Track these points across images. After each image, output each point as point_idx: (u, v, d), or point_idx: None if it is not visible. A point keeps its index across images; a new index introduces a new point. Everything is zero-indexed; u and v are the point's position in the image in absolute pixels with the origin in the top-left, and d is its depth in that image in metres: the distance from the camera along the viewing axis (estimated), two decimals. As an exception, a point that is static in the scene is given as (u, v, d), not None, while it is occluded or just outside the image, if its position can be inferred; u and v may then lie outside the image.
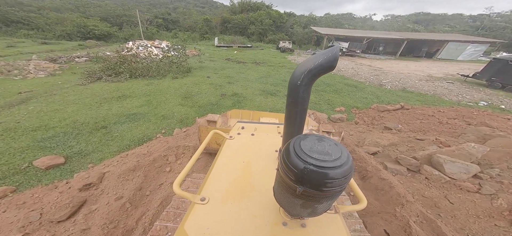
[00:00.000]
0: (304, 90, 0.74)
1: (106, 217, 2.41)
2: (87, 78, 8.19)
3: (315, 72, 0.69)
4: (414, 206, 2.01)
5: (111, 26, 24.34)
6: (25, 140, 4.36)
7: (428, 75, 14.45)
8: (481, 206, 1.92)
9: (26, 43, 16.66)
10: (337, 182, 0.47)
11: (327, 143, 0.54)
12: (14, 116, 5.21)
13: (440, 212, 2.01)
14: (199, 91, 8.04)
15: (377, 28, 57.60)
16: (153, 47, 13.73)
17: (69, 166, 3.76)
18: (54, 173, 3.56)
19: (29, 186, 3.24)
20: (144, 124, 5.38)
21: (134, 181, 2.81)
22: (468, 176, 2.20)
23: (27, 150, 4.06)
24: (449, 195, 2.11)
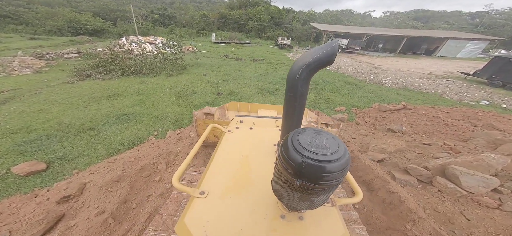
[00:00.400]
0: (302, 84, 0.74)
1: (85, 234, 2.15)
2: (75, 76, 7.78)
3: (314, 66, 0.69)
4: (426, 222, 1.80)
5: (104, 22, 23.47)
6: (4, 143, 4.04)
7: (428, 73, 14.30)
8: (501, 224, 1.72)
9: (14, 38, 15.95)
10: (334, 175, 0.48)
11: (324, 137, 0.54)
12: (-7, 118, 4.86)
13: (455, 229, 1.81)
14: (194, 90, 7.72)
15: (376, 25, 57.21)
16: (147, 44, 13.22)
17: (51, 172, 3.48)
18: (34, 180, 3.28)
19: (6, 195, 2.96)
20: (135, 125, 5.08)
21: (118, 192, 2.54)
22: (487, 190, 1.99)
23: (5, 154, 3.75)
24: (466, 210, 1.91)
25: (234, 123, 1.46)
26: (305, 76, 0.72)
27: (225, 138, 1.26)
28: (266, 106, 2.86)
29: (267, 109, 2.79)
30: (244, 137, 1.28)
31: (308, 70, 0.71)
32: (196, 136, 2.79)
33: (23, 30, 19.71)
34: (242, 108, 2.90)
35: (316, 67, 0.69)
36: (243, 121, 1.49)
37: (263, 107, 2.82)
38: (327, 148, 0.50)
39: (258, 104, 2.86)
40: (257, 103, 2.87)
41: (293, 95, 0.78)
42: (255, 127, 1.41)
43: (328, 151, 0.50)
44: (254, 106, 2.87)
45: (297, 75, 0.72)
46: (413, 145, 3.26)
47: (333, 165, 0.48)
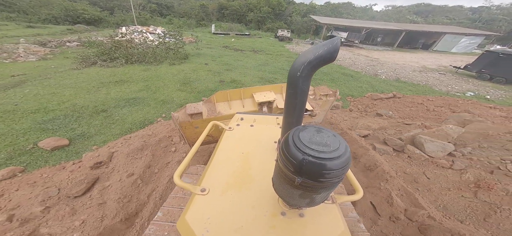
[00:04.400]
0: (303, 81, 0.73)
1: (120, 192, 2.60)
2: (81, 63, 8.00)
3: (315, 63, 0.69)
4: (396, 181, 2.29)
5: (101, 11, 22.98)
6: (26, 122, 4.40)
7: (422, 66, 14.75)
8: (451, 180, 2.22)
9: (10, 26, 15.71)
10: (335, 173, 0.48)
11: (325, 134, 0.54)
12: (11, 99, 5.17)
13: (418, 186, 2.30)
14: (197, 78, 8.04)
15: (376, 18, 56.78)
16: (148, 33, 13.26)
17: (74, 148, 3.88)
18: (60, 154, 3.68)
19: (37, 167, 3.36)
20: (144, 108, 5.46)
21: (142, 159, 2.98)
22: (444, 154, 2.49)
23: (29, 131, 4.12)
24: (427, 171, 2.40)
25: (235, 120, 1.47)
26: (306, 73, 0.72)
27: (226, 135, 1.27)
28: (261, 88, 2.65)
29: (262, 91, 2.60)
30: (245, 134, 1.28)
31: (310, 68, 0.70)
32: (184, 139, 2.43)
33: (17, 18, 19.29)
34: (233, 96, 2.60)
35: (318, 64, 0.69)
36: (243, 118, 1.50)
37: (258, 90, 2.61)
38: (328, 146, 0.50)
39: (251, 88, 2.62)
40: (250, 87, 2.63)
41: (294, 92, 0.77)
42: (256, 124, 1.41)
43: (329, 148, 0.50)
44: (247, 91, 2.61)
45: (299, 72, 0.72)
46: (395, 124, 3.75)
47: (334, 163, 0.48)
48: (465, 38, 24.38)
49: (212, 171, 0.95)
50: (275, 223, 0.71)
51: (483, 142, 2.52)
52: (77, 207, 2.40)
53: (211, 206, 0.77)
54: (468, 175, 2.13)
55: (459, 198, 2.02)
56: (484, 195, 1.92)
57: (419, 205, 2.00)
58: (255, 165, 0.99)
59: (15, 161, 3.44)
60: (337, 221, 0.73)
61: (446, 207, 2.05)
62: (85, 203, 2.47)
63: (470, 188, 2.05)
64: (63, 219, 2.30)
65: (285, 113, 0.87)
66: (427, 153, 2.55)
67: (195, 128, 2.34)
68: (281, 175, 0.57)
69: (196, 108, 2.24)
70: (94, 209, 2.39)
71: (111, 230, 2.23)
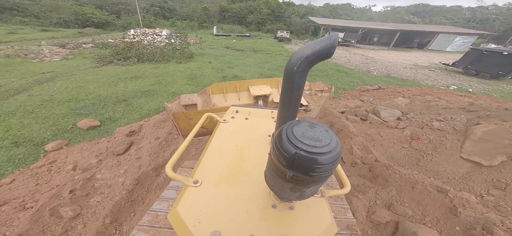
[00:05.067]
0: (299, 76, 0.74)
1: (150, 150, 3.44)
2: (99, 62, 8.91)
3: (312, 59, 0.70)
4: (358, 138, 3.09)
5: (109, 14, 24.18)
6: (63, 108, 5.26)
7: (414, 64, 15.51)
8: (396, 136, 3.00)
9: (26, 30, 16.80)
10: (325, 168, 0.49)
11: (318, 129, 0.56)
12: (46, 91, 6.06)
13: (374, 142, 3.10)
14: (202, 74, 8.91)
15: (374, 19, 57.64)
16: (155, 35, 14.22)
17: (104, 128, 4.71)
18: (93, 133, 4.51)
19: (77, 141, 4.20)
20: (157, 99, 6.30)
21: (164, 128, 3.81)
22: (394, 118, 3.28)
23: (67, 115, 4.98)
24: (381, 131, 3.19)
25: (229, 113, 1.47)
26: (303, 68, 0.72)
27: (220, 127, 1.27)
28: (257, 81, 2.66)
29: (259, 85, 2.63)
30: (239, 126, 1.29)
31: (307, 63, 0.71)
32: (177, 131, 2.43)
33: (30, 22, 20.45)
34: (229, 88, 2.59)
35: (315, 60, 0.70)
36: (239, 111, 1.50)
37: (254, 83, 2.63)
38: (320, 141, 0.51)
39: (248, 81, 2.63)
40: (246, 80, 2.65)
41: (290, 87, 0.78)
42: (251, 117, 1.42)
43: (320, 143, 0.51)
44: (243, 84, 2.61)
45: (295, 67, 0.72)
46: (369, 104, 4.54)
47: (324, 157, 0.49)
48: (459, 38, 25.11)
49: (205, 163, 0.96)
50: (266, 215, 0.73)
51: (424, 110, 3.29)
52: (120, 160, 3.24)
53: (203, 198, 0.78)
54: (407, 131, 2.90)
55: (401, 149, 2.80)
56: (415, 144, 2.69)
57: (371, 153, 2.79)
58: (248, 158, 1.00)
59: (59, 137, 4.28)
60: (325, 214, 0.76)
61: (392, 156, 2.83)
62: (126, 158, 3.30)
63: (407, 140, 2.83)
64: (111, 168, 3.13)
65: (280, 107, 0.88)
66: (382, 118, 3.34)
67: (189, 119, 2.32)
68: (274, 168, 0.59)
69: (191, 100, 2.21)
70: (133, 161, 3.23)
71: (146, 176, 3.05)
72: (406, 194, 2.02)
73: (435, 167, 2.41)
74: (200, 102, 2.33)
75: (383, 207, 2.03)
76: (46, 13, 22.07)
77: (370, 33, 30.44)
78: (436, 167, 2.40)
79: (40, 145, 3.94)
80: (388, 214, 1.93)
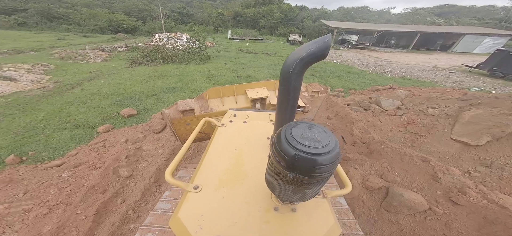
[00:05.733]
0: (295, 78, 0.75)
1: None
2: (132, 63, 10.25)
3: (307, 60, 0.70)
4: (359, 123, 3.48)
5: (136, 21, 26.95)
6: (107, 100, 6.34)
7: (434, 66, 14.89)
8: (394, 122, 3.32)
9: (70, 36, 19.52)
10: (325, 168, 0.50)
11: (316, 130, 0.56)
12: (94, 86, 7.29)
13: (374, 127, 3.46)
14: (218, 74, 9.75)
15: (392, 21, 55.29)
16: (177, 39, 15.66)
17: (140, 116, 5.63)
18: (132, 120, 5.43)
19: (120, 126, 5.11)
20: (181, 94, 7.19)
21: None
22: (394, 108, 3.58)
23: (111, 106, 6.01)
24: (381, 118, 3.52)
25: (227, 117, 1.47)
26: (298, 70, 0.73)
27: (219, 131, 1.27)
28: (253, 84, 2.65)
29: (255, 88, 2.61)
30: (237, 130, 1.29)
31: (302, 64, 0.71)
32: (175, 137, 2.44)
33: (73, 29, 23.60)
34: (226, 93, 2.58)
35: (310, 61, 0.70)
36: (236, 114, 1.50)
37: (251, 86, 2.63)
38: (319, 141, 0.52)
39: (244, 85, 2.63)
40: (243, 84, 2.64)
41: (287, 89, 0.78)
42: (249, 120, 1.42)
43: (319, 144, 0.51)
44: (239, 88, 2.61)
45: (291, 69, 0.73)
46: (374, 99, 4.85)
47: (324, 158, 0.49)
48: (488, 39, 23.26)
49: (205, 168, 0.96)
50: (268, 218, 0.73)
51: (423, 101, 3.52)
52: (159, 136, 4.01)
53: (204, 203, 0.78)
54: (404, 117, 3.20)
55: (398, 132, 3.12)
56: (411, 128, 2.99)
57: (371, 136, 3.19)
58: (248, 161, 1.01)
59: (107, 122, 5.24)
60: (328, 215, 0.76)
61: (390, 139, 3.17)
62: (163, 135, 4.07)
63: (404, 125, 3.13)
64: (153, 142, 3.90)
65: (278, 109, 0.89)
66: (383, 107, 3.67)
67: (187, 124, 2.32)
68: (274, 170, 0.59)
69: (188, 105, 2.22)
70: (168, 137, 3.97)
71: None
72: (396, 165, 2.40)
73: (428, 147, 2.71)
74: (197, 107, 2.35)
75: (376, 176, 2.44)
76: (86, 20, 25.27)
77: (387, 36, 29.46)
78: (428, 147, 2.71)
79: (93, 127, 4.92)
80: (380, 181, 2.34)
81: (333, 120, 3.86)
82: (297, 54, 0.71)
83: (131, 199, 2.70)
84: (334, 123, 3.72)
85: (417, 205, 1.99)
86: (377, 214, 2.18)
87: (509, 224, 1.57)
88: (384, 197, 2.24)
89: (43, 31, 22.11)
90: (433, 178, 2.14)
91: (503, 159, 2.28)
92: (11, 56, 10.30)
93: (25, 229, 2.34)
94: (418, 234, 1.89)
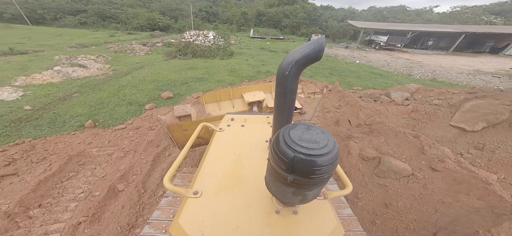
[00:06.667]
0: (292, 80, 0.75)
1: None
2: (167, 56, 11.89)
3: (303, 62, 0.71)
4: (366, 110, 3.84)
5: (170, 19, 30.12)
6: (151, 85, 7.73)
7: (475, 69, 13.31)
8: (400, 110, 3.57)
9: (119, 33, 22.98)
10: (325, 169, 0.50)
11: (314, 131, 0.56)
12: (140, 74, 8.87)
13: (380, 114, 3.78)
14: (240, 68, 10.64)
15: (434, 21, 49.34)
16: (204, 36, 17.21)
17: (175, 99, 6.79)
18: (169, 101, 6.60)
19: (161, 106, 6.31)
20: (207, 83, 8.26)
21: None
22: (402, 99, 3.78)
23: (154, 90, 7.35)
24: (388, 107, 3.79)
25: (225, 121, 1.47)
26: (294, 72, 0.73)
27: (217, 136, 1.27)
28: (250, 88, 2.65)
29: (252, 91, 2.59)
30: (236, 134, 1.29)
31: (297, 66, 0.72)
32: (173, 143, 2.38)
33: (121, 27, 27.53)
34: (223, 97, 2.60)
35: (305, 63, 0.71)
36: (234, 118, 1.50)
37: (248, 90, 2.62)
38: (318, 142, 0.52)
39: (241, 88, 2.63)
40: (239, 88, 2.64)
41: (283, 91, 0.78)
42: (246, 124, 1.42)
43: (318, 145, 0.51)
44: (236, 91, 2.59)
45: (287, 71, 0.73)
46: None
47: (323, 159, 0.49)
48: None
49: (204, 173, 0.96)
50: (269, 221, 0.73)
51: (433, 95, 3.63)
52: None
53: (204, 208, 0.77)
54: (409, 106, 3.43)
55: (401, 119, 3.40)
56: (414, 115, 3.23)
57: (375, 118, 3.57)
58: (247, 165, 1.02)
59: (151, 102, 6.49)
60: (330, 216, 0.76)
61: (391, 122, 3.50)
62: None
63: (408, 113, 3.38)
64: None
65: (275, 112, 0.89)
66: (392, 98, 3.92)
67: (184, 130, 2.31)
68: (274, 173, 0.59)
69: (184, 111, 2.22)
70: None
71: None
72: (391, 140, 2.79)
73: (427, 132, 2.98)
74: (194, 112, 2.36)
75: (372, 148, 2.88)
76: (130, 19, 29.15)
77: (423, 37, 26.73)
78: (428, 132, 2.97)
79: (142, 105, 6.19)
80: (375, 152, 2.78)
81: (343, 108, 4.30)
82: (292, 57, 0.72)
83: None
84: (344, 109, 4.16)
85: (402, 171, 2.41)
86: (369, 179, 2.65)
87: (472, 182, 1.90)
88: (377, 165, 2.68)
89: (98, 29, 26.40)
90: (420, 151, 2.50)
91: (495, 143, 2.47)
92: (79, 49, 12.92)
93: (109, 166, 3.44)
94: (400, 193, 2.32)
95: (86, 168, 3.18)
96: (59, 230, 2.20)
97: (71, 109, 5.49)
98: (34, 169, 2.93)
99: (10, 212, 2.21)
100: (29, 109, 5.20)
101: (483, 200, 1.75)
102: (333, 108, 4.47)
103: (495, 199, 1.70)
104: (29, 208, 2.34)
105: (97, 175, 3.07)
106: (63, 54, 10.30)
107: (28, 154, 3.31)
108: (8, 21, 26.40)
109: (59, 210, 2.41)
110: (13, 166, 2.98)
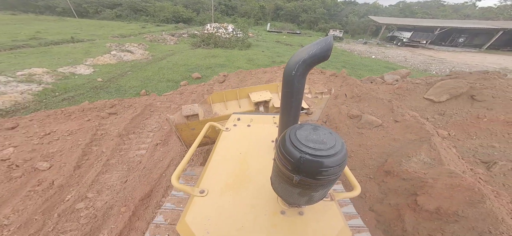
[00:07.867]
0: (299, 80, 0.74)
1: (235, 82, 6.35)
2: (193, 46, 13.45)
3: (310, 62, 0.70)
4: (361, 88, 4.71)
5: (192, 12, 32.18)
6: (182, 68, 9.23)
7: (503, 67, 12.56)
8: (388, 88, 4.35)
9: (149, 25, 25.51)
10: (332, 170, 0.49)
11: (322, 132, 0.56)
12: (173, 59, 10.48)
13: (372, 90, 4.61)
14: (257, 58, 11.71)
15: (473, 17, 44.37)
16: (224, 29, 18.56)
17: (202, 80, 8.15)
18: (198, 81, 7.98)
19: (191, 84, 7.71)
20: (228, 68, 9.52)
21: (239, 76, 6.66)
22: (393, 80, 4.53)
23: (185, 71, 8.82)
24: (380, 86, 4.59)
25: (231, 121, 1.49)
26: (301, 72, 0.72)
27: (223, 136, 1.29)
28: (256, 88, 2.69)
29: (258, 91, 2.63)
30: (242, 134, 1.31)
31: (304, 66, 0.71)
32: (180, 142, 2.50)
33: (149, 20, 30.26)
34: (229, 97, 2.64)
35: (312, 63, 0.70)
36: (240, 118, 1.52)
37: (254, 90, 2.67)
38: (325, 143, 0.51)
39: (247, 88, 2.68)
40: (246, 88, 2.70)
41: (290, 91, 0.78)
42: (252, 124, 1.44)
43: (325, 146, 0.50)
44: (243, 91, 2.64)
45: (294, 71, 0.72)
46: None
47: (331, 160, 0.48)
48: None
49: (210, 172, 0.97)
50: (275, 221, 0.72)
51: (420, 79, 4.30)
52: (222, 85, 6.34)
53: (210, 207, 0.78)
54: (396, 85, 4.19)
55: (388, 94, 4.21)
56: (397, 91, 4.00)
57: (368, 93, 4.43)
58: (253, 164, 1.02)
59: (184, 80, 7.92)
60: (337, 218, 0.75)
61: (381, 99, 4.33)
62: (223, 84, 6.33)
63: (393, 90, 4.16)
64: (220, 85, 6.20)
65: (282, 112, 0.88)
66: (385, 80, 4.68)
67: (192, 129, 2.38)
68: (280, 173, 0.59)
69: (192, 110, 2.26)
70: (228, 86, 6.19)
71: None
72: (372, 104, 3.68)
73: (406, 103, 3.76)
74: (201, 112, 2.38)
75: (357, 110, 3.82)
76: (157, 12, 31.75)
77: (454, 33, 24.73)
78: (406, 103, 3.77)
79: (177, 82, 7.64)
80: (358, 112, 3.68)
81: (343, 87, 5.20)
82: (299, 56, 0.72)
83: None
84: (343, 87, 5.07)
85: (374, 122, 3.33)
86: (352, 130, 3.60)
87: (416, 126, 2.78)
88: (359, 121, 3.63)
89: (131, 22, 29.39)
90: (390, 110, 3.38)
91: (454, 110, 3.22)
92: (120, 39, 15.12)
93: (170, 112, 4.80)
94: (370, 137, 3.26)
95: (155, 113, 4.61)
96: (146, 148, 3.60)
97: (128, 82, 7.15)
98: (126, 111, 4.45)
99: (121, 133, 3.67)
100: (100, 81, 6.96)
101: (417, 134, 2.65)
102: (334, 88, 5.37)
103: (424, 133, 2.60)
104: (129, 133, 3.78)
105: (163, 117, 4.50)
106: (112, 43, 12.40)
107: (121, 103, 4.88)
108: (60, 14, 30.76)
109: (144, 135, 3.82)
110: (115, 108, 4.56)
